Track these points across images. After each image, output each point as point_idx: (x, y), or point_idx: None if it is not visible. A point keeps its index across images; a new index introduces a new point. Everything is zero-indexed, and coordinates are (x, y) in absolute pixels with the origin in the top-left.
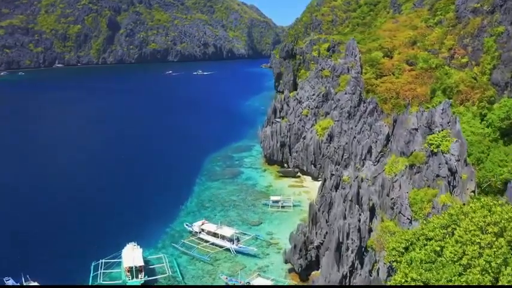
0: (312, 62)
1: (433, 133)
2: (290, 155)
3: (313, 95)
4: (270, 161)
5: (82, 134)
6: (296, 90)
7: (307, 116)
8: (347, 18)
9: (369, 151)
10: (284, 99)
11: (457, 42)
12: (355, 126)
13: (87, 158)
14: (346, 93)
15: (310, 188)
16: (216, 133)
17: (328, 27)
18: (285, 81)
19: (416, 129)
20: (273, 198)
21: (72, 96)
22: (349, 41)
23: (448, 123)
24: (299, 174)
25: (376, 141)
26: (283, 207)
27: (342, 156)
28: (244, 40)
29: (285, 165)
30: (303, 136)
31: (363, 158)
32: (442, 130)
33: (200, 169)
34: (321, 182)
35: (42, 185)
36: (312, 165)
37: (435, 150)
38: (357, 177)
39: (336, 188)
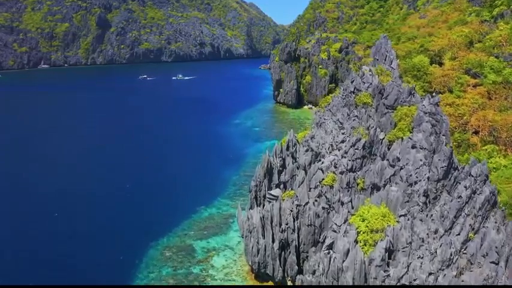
0: (321, 66)
1: None
2: (301, 272)
3: (343, 141)
4: (259, 274)
5: None
6: (300, 103)
7: (332, 187)
8: (354, 15)
9: None
10: (287, 147)
11: None
12: (448, 233)
13: None
14: (414, 147)
15: None
16: (175, 184)
17: (334, 25)
18: (286, 90)
19: None
20: None
21: None
22: (380, 40)
23: None
24: None
25: None
26: None
27: None
28: (243, 39)
29: (290, 284)
30: (326, 242)
31: None
32: None
33: None
34: None
35: None
36: None
37: None
38: None
39: None
